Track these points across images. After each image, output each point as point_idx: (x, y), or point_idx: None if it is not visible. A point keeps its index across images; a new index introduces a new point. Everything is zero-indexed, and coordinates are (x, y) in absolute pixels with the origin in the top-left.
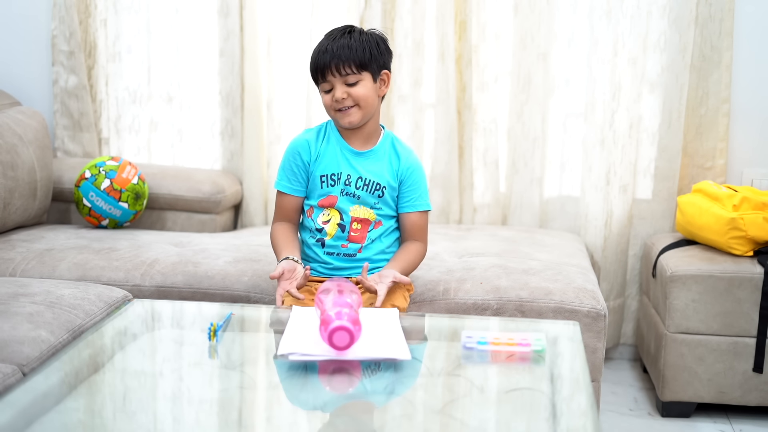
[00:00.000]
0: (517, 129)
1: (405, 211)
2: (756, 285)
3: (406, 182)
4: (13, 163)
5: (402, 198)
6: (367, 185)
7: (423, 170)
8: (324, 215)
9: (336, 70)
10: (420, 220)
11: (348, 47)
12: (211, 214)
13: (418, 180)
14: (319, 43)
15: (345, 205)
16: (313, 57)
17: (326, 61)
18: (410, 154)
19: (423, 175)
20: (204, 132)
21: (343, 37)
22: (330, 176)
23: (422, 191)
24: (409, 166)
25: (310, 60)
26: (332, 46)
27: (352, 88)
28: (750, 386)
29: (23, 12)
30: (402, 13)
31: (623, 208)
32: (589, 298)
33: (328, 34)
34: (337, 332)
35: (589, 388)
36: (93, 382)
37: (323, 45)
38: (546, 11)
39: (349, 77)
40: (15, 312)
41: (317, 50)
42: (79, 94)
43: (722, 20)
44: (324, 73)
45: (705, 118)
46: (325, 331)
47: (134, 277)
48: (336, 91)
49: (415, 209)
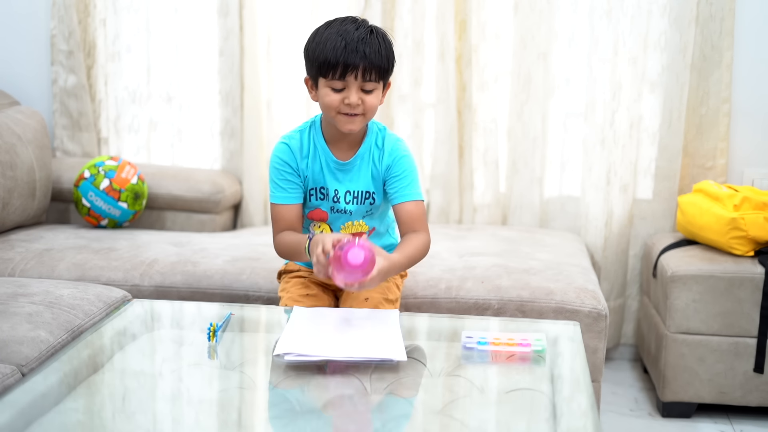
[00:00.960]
0: (517, 129)
1: (398, 202)
2: (757, 285)
3: (391, 171)
4: (12, 162)
5: (391, 189)
6: (357, 197)
7: (411, 159)
8: (315, 227)
9: (361, 74)
10: (416, 208)
11: (378, 53)
12: (211, 214)
13: (405, 168)
14: (340, 30)
15: (336, 221)
16: (334, 46)
17: (354, 62)
18: (396, 143)
19: (411, 164)
20: (203, 132)
21: (370, 37)
22: (319, 189)
23: (411, 180)
24: (393, 156)
25: (321, 46)
26: (363, 47)
27: (367, 95)
28: (751, 386)
29: (22, 11)
30: (402, 12)
31: (624, 207)
32: (589, 298)
33: (349, 21)
34: (352, 249)
35: (589, 388)
36: (92, 382)
37: (351, 39)
38: (546, 10)
39: (368, 84)
40: (14, 312)
41: (342, 42)
42: (78, 94)
43: (723, 20)
44: (344, 72)
45: (705, 117)
46: (340, 251)
47: (133, 277)
48: (351, 96)
49: (407, 198)
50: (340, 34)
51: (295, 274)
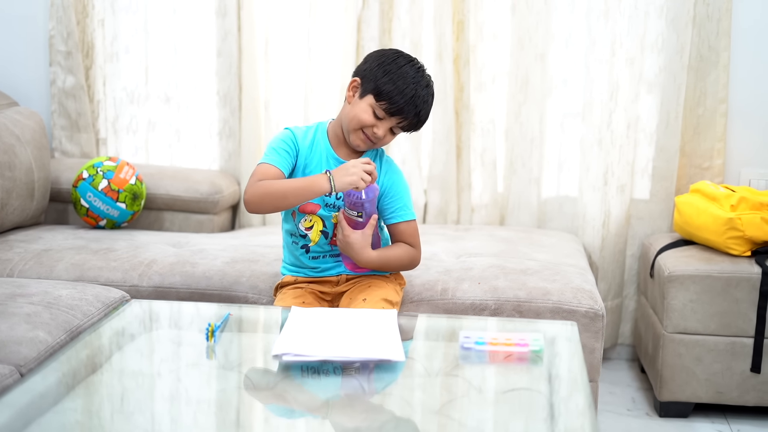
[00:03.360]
0: (514, 129)
1: (392, 222)
2: (754, 285)
3: (388, 194)
4: (10, 163)
5: (386, 210)
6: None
7: (405, 180)
8: (306, 221)
9: (403, 124)
10: (409, 228)
11: (426, 114)
12: (209, 215)
13: (400, 190)
14: (411, 71)
15: (327, 212)
16: (399, 86)
17: (409, 116)
18: (390, 165)
19: (405, 185)
20: (202, 132)
21: (428, 96)
22: None
23: (405, 201)
24: (389, 178)
25: (389, 77)
26: (422, 106)
27: (392, 135)
28: (748, 386)
29: (21, 12)
30: (400, 13)
31: (621, 208)
32: (586, 298)
33: (422, 70)
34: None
35: (586, 388)
36: (91, 382)
37: (418, 94)
38: (544, 11)
39: (400, 130)
40: (12, 312)
41: (412, 89)
42: (76, 95)
43: (720, 20)
44: (395, 114)
45: (703, 118)
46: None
47: (132, 278)
48: (381, 129)
49: (401, 219)
50: (414, 82)
51: (292, 287)
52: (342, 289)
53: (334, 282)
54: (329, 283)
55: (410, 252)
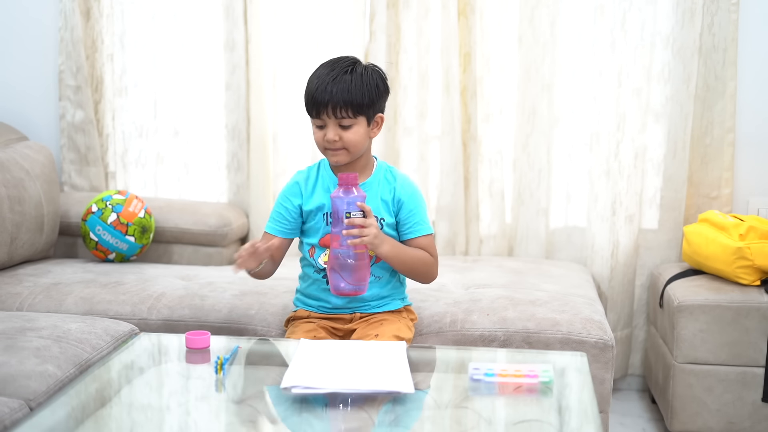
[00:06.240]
0: (522, 160)
1: (409, 237)
2: (764, 314)
3: (404, 209)
4: (20, 197)
5: (403, 225)
6: None
7: (420, 194)
8: (326, 255)
9: (332, 112)
10: (426, 241)
11: (348, 91)
12: (218, 247)
13: (416, 205)
14: (317, 73)
15: None
16: (309, 88)
17: (323, 101)
18: (405, 180)
19: (421, 199)
20: (210, 165)
21: (344, 75)
22: (329, 214)
23: (422, 215)
24: (404, 192)
25: (305, 88)
26: (332, 87)
27: (345, 131)
28: (759, 416)
29: (31, 47)
30: (407, 45)
31: (629, 238)
32: (596, 328)
33: (329, 64)
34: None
35: (597, 419)
36: (100, 416)
37: (322, 80)
38: (550, 43)
39: (343, 120)
40: (22, 347)
41: (315, 84)
42: (85, 129)
43: (726, 50)
44: (319, 112)
45: (710, 147)
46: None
47: (141, 311)
48: (328, 132)
49: (418, 234)
50: (316, 77)
51: (305, 320)
52: (354, 327)
53: (347, 319)
54: (342, 320)
55: (428, 258)
